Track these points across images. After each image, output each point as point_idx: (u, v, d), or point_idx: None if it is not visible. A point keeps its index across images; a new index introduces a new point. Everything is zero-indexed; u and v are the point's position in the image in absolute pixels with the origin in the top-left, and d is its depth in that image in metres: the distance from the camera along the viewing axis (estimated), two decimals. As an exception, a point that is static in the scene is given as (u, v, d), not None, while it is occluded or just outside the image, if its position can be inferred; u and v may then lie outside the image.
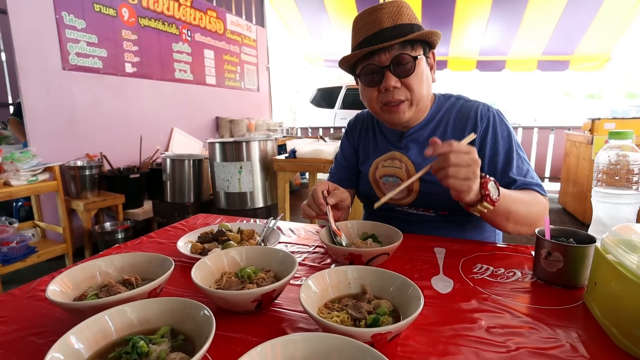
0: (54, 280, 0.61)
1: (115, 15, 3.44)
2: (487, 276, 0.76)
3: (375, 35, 0.91)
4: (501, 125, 1.00)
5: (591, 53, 5.86)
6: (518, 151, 0.98)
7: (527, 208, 0.87)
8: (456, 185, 0.73)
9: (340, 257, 0.80)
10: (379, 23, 0.91)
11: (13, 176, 2.47)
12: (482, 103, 1.04)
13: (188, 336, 0.51)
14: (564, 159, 4.42)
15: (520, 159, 0.97)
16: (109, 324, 0.50)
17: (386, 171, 1.08)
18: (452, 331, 0.57)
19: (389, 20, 0.91)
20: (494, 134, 0.99)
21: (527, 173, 0.96)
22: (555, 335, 0.55)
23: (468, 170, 0.72)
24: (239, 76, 5.41)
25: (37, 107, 2.84)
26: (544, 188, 0.95)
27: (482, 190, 0.77)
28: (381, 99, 0.96)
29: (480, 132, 0.99)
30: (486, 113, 1.01)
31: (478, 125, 0.99)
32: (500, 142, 0.98)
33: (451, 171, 0.72)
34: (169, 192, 3.21)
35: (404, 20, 0.92)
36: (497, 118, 1.00)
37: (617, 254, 0.57)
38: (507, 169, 0.96)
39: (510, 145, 0.98)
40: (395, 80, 0.92)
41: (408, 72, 0.92)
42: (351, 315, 0.56)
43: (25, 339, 0.58)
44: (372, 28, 0.92)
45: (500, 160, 0.97)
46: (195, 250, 0.87)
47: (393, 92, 0.93)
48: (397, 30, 0.90)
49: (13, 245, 2.50)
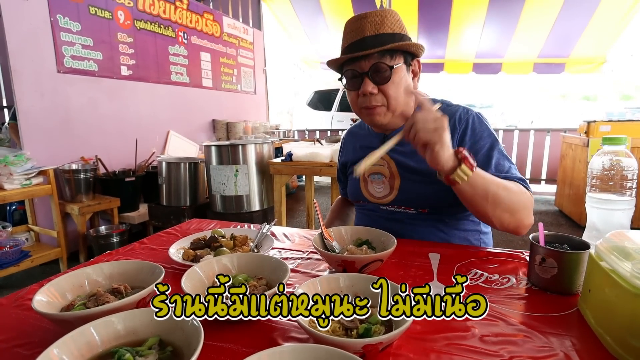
0: (40, 290, 0.60)
1: (110, 18, 3.43)
2: (481, 282, 0.75)
3: (357, 43, 0.96)
4: (480, 126, 1.01)
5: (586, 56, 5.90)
6: (499, 150, 0.98)
7: (508, 193, 0.86)
8: (427, 138, 0.77)
9: (334, 263, 0.80)
10: (362, 31, 0.96)
11: (6, 180, 2.45)
12: (462, 107, 1.06)
13: (176, 347, 0.50)
14: (560, 161, 4.44)
15: (502, 157, 0.97)
16: (94, 336, 0.49)
17: (372, 169, 1.12)
18: (445, 340, 0.56)
19: (371, 29, 0.95)
20: (472, 135, 1.00)
21: (509, 170, 0.96)
22: (549, 344, 0.55)
23: (435, 122, 0.77)
24: (236, 79, 5.40)
25: (31, 110, 2.83)
26: (527, 183, 0.94)
27: (458, 155, 0.80)
28: (360, 103, 1.01)
29: (458, 134, 1.00)
30: (465, 115, 1.02)
31: (457, 128, 1.01)
32: (480, 142, 0.99)
33: (419, 126, 0.77)
34: (165, 195, 3.19)
35: (386, 30, 0.95)
36: (476, 119, 1.02)
37: (611, 261, 0.57)
38: (487, 167, 0.96)
39: (491, 145, 0.98)
40: (372, 87, 0.96)
41: (385, 80, 0.96)
42: (343, 324, 0.55)
43: (11, 350, 0.56)
44: (356, 35, 0.97)
45: (480, 159, 0.96)
46: (187, 257, 0.86)
47: (370, 97, 0.97)
48: (377, 40, 0.94)
49: (6, 250, 2.47)
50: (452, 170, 0.80)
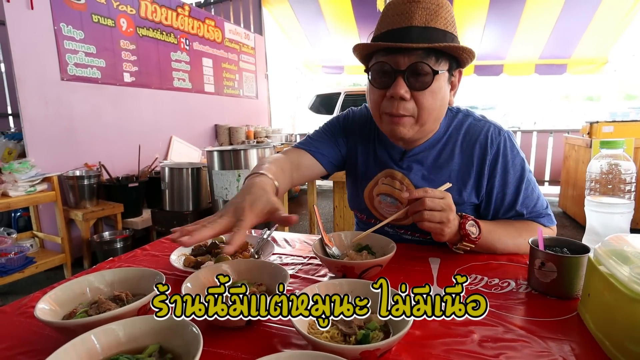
0: (42, 299, 0.61)
1: (113, 26, 3.47)
2: (481, 287, 0.75)
3: (401, 31, 0.78)
4: (512, 152, 0.93)
5: (588, 56, 5.90)
6: (529, 179, 0.94)
7: (516, 241, 0.88)
8: (431, 228, 0.77)
9: (333, 269, 0.80)
10: (410, 18, 0.78)
11: (11, 187, 2.47)
12: (492, 124, 0.96)
13: (176, 354, 0.51)
14: (564, 162, 4.43)
15: (530, 187, 0.94)
16: (95, 344, 0.49)
17: (385, 189, 1.00)
18: (444, 345, 0.56)
19: (422, 19, 0.77)
20: (504, 163, 0.92)
21: (537, 203, 0.93)
22: (548, 349, 0.55)
23: (442, 215, 0.76)
24: (238, 84, 5.43)
25: (35, 117, 2.86)
26: (551, 217, 0.94)
27: (461, 231, 0.80)
28: (384, 107, 0.85)
29: (490, 160, 0.93)
30: (497, 138, 0.93)
31: (488, 152, 0.92)
32: (511, 171, 0.93)
33: (426, 215, 0.76)
34: (168, 200, 3.21)
35: (439, 24, 0.78)
36: (509, 144, 0.93)
37: (609, 266, 0.57)
38: (515, 202, 0.93)
39: (521, 175, 0.93)
40: (405, 90, 0.80)
41: (423, 86, 0.80)
42: (341, 330, 0.55)
43: (14, 358, 0.57)
44: (401, 21, 0.79)
45: (510, 192, 0.93)
46: (188, 263, 0.86)
47: (399, 103, 0.81)
48: (426, 34, 0.77)
49: (11, 256, 2.49)
50: (456, 243, 0.84)
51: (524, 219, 0.94)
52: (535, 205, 0.94)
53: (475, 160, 0.94)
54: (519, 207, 0.93)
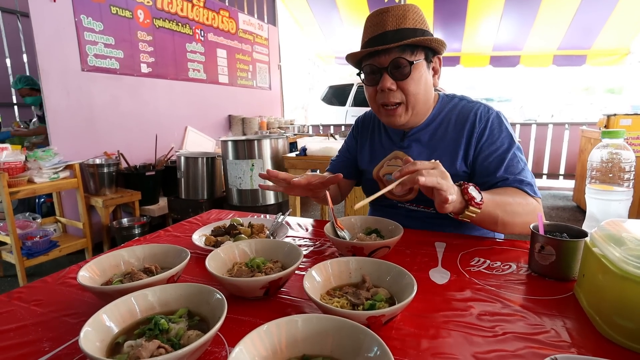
0: (83, 267, 0.68)
1: (131, 17, 3.55)
2: (483, 269, 0.80)
3: (378, 37, 0.96)
4: (499, 127, 1.02)
5: (610, 47, 5.74)
6: (514, 152, 1.00)
7: (513, 209, 0.91)
8: (433, 182, 0.74)
9: (344, 249, 0.85)
10: (383, 25, 0.96)
11: (36, 173, 2.59)
12: (483, 104, 1.07)
13: (203, 317, 0.57)
14: (579, 156, 4.37)
15: (516, 158, 1.00)
16: (134, 305, 0.56)
17: (389, 169, 1.13)
18: (444, 317, 0.61)
19: (393, 24, 0.95)
20: (490, 135, 1.02)
21: (520, 172, 0.98)
22: (541, 323, 0.59)
23: (436, 171, 0.76)
24: (251, 75, 5.49)
25: (58, 107, 2.97)
26: (535, 188, 0.97)
27: (465, 196, 0.83)
28: (379, 99, 1.01)
29: (477, 133, 1.02)
30: (485, 114, 1.04)
31: (476, 126, 1.03)
32: (496, 143, 1.01)
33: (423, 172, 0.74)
34: (183, 189, 3.30)
35: (408, 25, 0.95)
36: (496, 120, 1.03)
37: (603, 248, 0.60)
38: (499, 167, 0.99)
39: (507, 147, 1.00)
40: (391, 82, 0.96)
41: (404, 76, 0.96)
42: (350, 301, 0.61)
43: (60, 319, 0.64)
44: (377, 29, 0.97)
45: (495, 160, 1.00)
46: (209, 242, 0.93)
47: (389, 93, 0.98)
48: (398, 34, 0.94)
49: (37, 240, 2.63)
50: (461, 211, 0.85)
51: (507, 184, 0.97)
52: (519, 173, 0.98)
53: (465, 133, 1.04)
54: (501, 172, 0.98)
